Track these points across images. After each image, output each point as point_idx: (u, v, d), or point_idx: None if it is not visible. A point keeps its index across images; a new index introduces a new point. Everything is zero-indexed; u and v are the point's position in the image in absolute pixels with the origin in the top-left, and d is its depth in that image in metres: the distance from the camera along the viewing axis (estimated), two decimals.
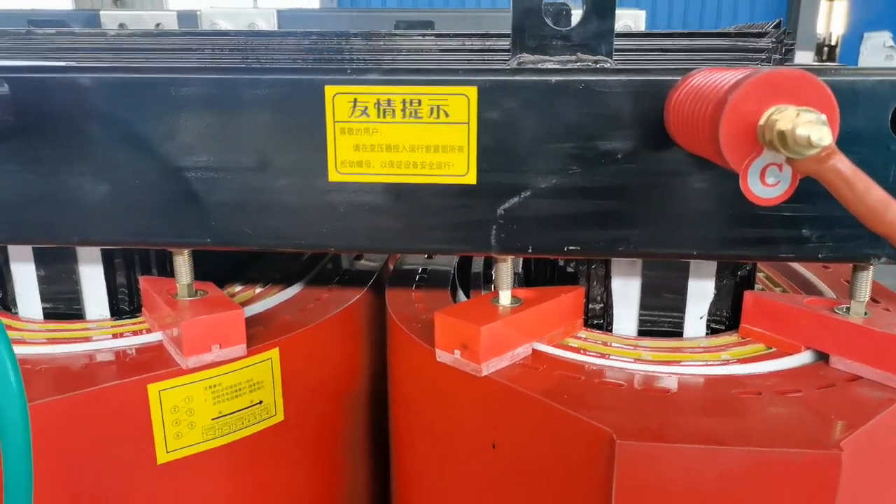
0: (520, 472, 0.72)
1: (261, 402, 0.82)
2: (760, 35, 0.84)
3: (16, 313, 0.89)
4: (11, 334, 0.69)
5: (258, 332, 0.83)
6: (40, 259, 0.87)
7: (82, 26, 1.41)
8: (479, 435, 0.74)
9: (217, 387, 0.77)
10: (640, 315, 0.83)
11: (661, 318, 0.83)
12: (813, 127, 0.43)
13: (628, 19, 1.49)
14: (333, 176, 0.70)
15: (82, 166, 0.72)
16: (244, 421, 0.81)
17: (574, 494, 0.67)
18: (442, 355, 0.75)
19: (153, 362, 0.76)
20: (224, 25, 1.38)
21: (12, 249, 0.86)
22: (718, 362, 0.75)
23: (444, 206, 0.70)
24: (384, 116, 0.68)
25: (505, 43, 0.85)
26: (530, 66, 0.71)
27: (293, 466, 0.89)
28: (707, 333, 0.83)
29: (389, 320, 0.89)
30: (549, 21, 0.71)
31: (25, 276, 0.87)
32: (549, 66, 0.70)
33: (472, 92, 0.67)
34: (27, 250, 0.86)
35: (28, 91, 0.71)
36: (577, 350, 0.78)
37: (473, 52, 0.89)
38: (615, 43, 0.79)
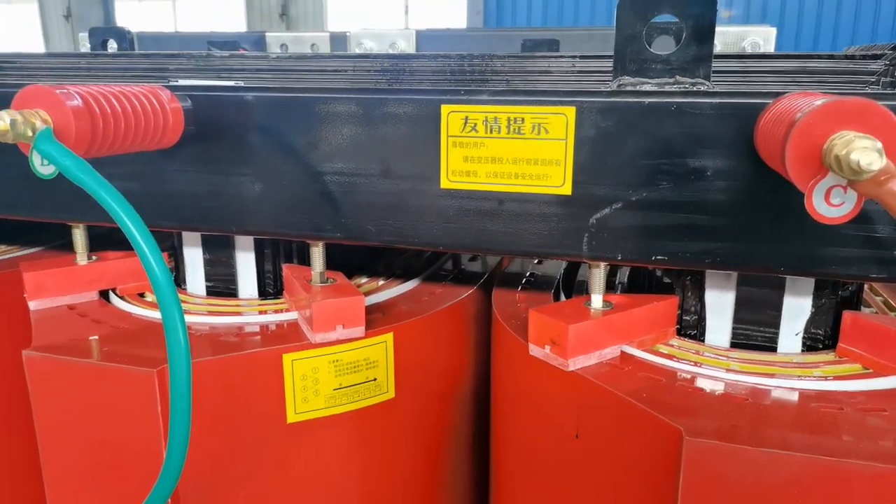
0: (599, 461, 0.78)
1: (375, 380, 0.93)
2: (876, 57, 0.83)
3: (184, 289, 1.08)
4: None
5: (377, 318, 0.95)
6: (206, 245, 1.04)
7: (251, 46, 1.62)
8: (563, 425, 0.81)
9: (339, 362, 0.90)
10: (734, 328, 0.86)
11: (755, 332, 0.85)
12: (864, 153, 0.46)
13: (758, 36, 1.47)
14: (445, 183, 0.80)
15: (244, 169, 0.87)
16: (360, 394, 0.92)
17: (646, 487, 0.72)
18: (534, 349, 0.82)
19: (289, 336, 0.90)
20: (369, 45, 1.54)
21: (186, 235, 1.04)
22: (811, 378, 0.76)
23: (541, 214, 0.78)
24: (491, 132, 0.77)
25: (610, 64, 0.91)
26: (629, 88, 0.77)
27: (400, 441, 1.00)
28: (803, 350, 0.84)
29: (493, 316, 0.97)
30: (649, 47, 0.77)
31: (194, 259, 1.05)
32: (646, 89, 0.76)
33: (571, 112, 0.74)
34: (197, 237, 1.03)
35: (205, 106, 0.87)
36: (666, 356, 0.82)
37: (582, 73, 0.95)
38: (730, 64, 0.82)
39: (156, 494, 0.76)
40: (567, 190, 0.76)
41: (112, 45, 1.55)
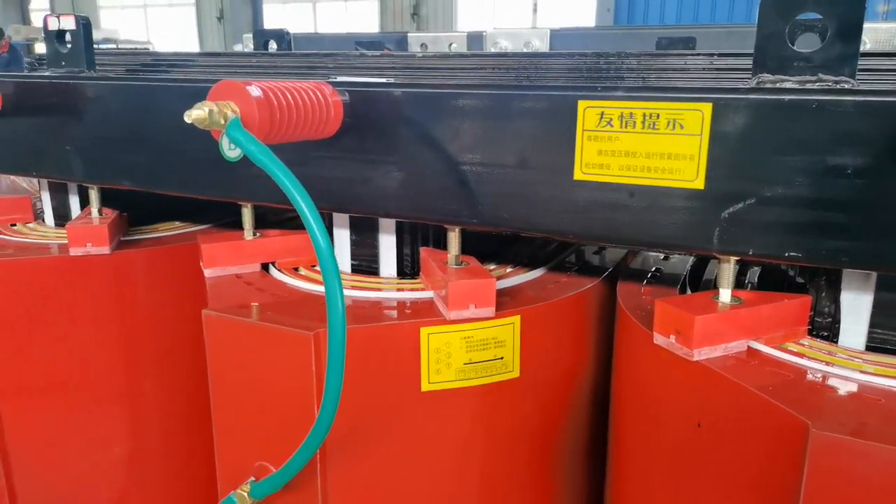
0: (720, 452, 0.79)
1: (501, 358, 0.99)
2: None
3: None
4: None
5: (506, 301, 1.01)
6: (353, 227, 1.15)
7: (394, 46, 1.73)
8: (685, 414, 0.83)
9: (470, 338, 0.97)
10: (870, 331, 0.84)
11: (893, 337, 0.83)
12: None
13: None
14: (578, 175, 0.85)
15: (392, 158, 0.96)
16: (487, 371, 0.99)
17: (767, 479, 0.73)
18: (658, 338, 0.85)
19: (426, 312, 0.98)
20: (504, 44, 1.60)
21: (336, 217, 1.15)
22: None
23: (672, 207, 0.80)
24: (626, 127, 0.81)
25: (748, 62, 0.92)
26: (768, 85, 0.78)
27: (521, 419, 1.05)
28: None
29: (618, 306, 1.01)
30: (791, 44, 0.77)
31: (342, 239, 1.16)
32: (786, 86, 0.76)
33: (707, 108, 0.76)
34: (345, 219, 1.14)
35: (361, 100, 0.96)
36: (795, 354, 0.82)
37: (720, 71, 0.96)
38: (880, 62, 0.81)
39: (308, 444, 0.87)
40: (700, 184, 0.78)
41: (272, 46, 1.71)
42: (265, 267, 1.18)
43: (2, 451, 1.31)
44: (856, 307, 0.84)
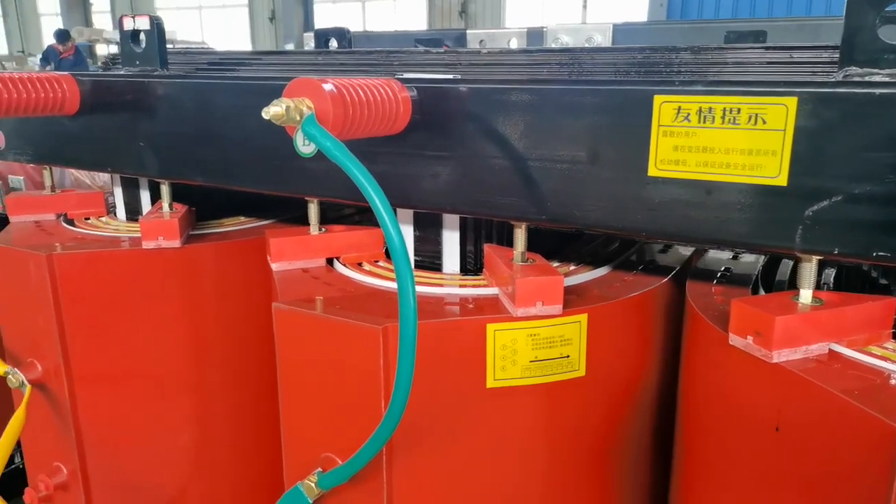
0: (799, 456, 0.77)
1: (568, 357, 0.98)
2: None
3: None
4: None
5: (572, 299, 1.00)
6: (417, 222, 1.15)
7: (453, 42, 1.74)
8: (762, 417, 0.81)
9: (536, 336, 0.96)
10: None
11: None
12: None
13: None
14: (652, 171, 0.83)
15: (460, 153, 0.96)
16: (553, 369, 0.98)
17: (850, 485, 0.71)
18: (735, 339, 0.83)
19: (491, 309, 0.98)
20: (565, 39, 1.58)
21: (399, 213, 1.16)
22: None
23: (753, 204, 0.78)
24: (704, 122, 0.79)
25: (834, 55, 0.88)
26: (857, 78, 0.75)
27: (586, 418, 1.04)
28: None
29: (687, 305, 0.99)
30: (881, 37, 0.74)
31: (406, 235, 1.17)
32: (877, 80, 0.73)
33: (792, 102, 0.74)
34: (409, 214, 1.15)
35: (429, 96, 0.97)
36: (879, 357, 0.79)
37: (801, 65, 0.93)
38: None
39: (377, 437, 0.88)
40: (783, 181, 0.76)
41: (332, 44, 1.73)
42: (329, 262, 1.20)
43: (77, 436, 1.36)
44: None
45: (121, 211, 1.53)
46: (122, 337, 1.34)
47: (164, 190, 1.36)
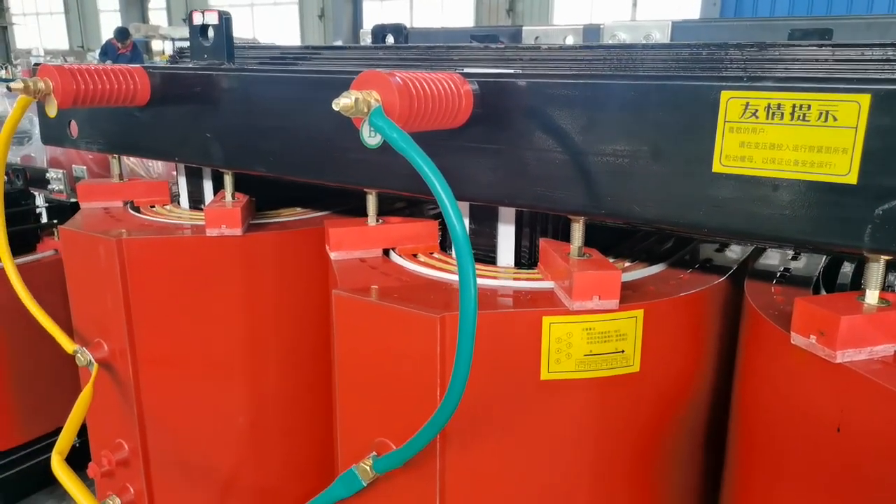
0: (861, 457, 0.76)
1: (623, 352, 0.99)
2: None
3: (450, 253, 1.21)
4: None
5: (628, 295, 1.00)
6: (473, 215, 1.17)
7: (509, 39, 1.74)
8: (823, 418, 0.80)
9: (592, 330, 0.97)
10: None
11: None
12: None
13: None
14: (717, 167, 0.83)
15: (521, 147, 0.96)
16: (607, 363, 0.98)
17: None
18: (797, 339, 0.82)
19: (546, 301, 0.99)
20: (623, 36, 1.58)
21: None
22: None
23: (821, 202, 0.77)
24: (772, 119, 0.78)
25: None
26: None
27: (638, 415, 1.04)
28: None
29: (746, 304, 0.98)
30: None
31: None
32: None
33: (865, 99, 0.73)
34: (465, 207, 1.16)
35: (489, 90, 0.98)
36: None
37: (872, 63, 0.91)
38: None
39: (433, 423, 0.90)
40: (853, 179, 0.75)
41: (389, 39, 1.76)
42: (385, 252, 1.22)
43: (139, 415, 1.42)
44: None
45: (184, 200, 1.58)
46: (184, 321, 1.39)
47: (227, 180, 1.40)
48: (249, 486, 1.49)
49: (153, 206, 1.59)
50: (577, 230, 1.01)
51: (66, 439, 1.19)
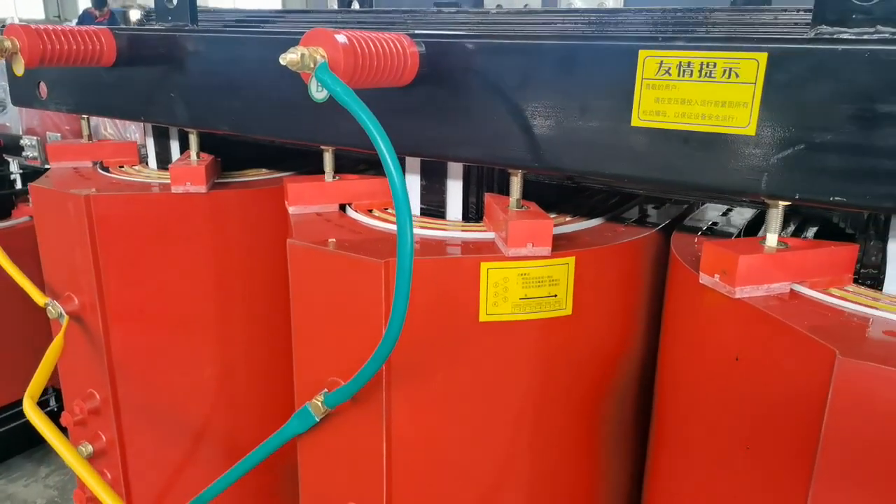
0: (755, 384, 0.84)
1: (555, 296, 1.06)
2: None
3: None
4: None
5: (563, 244, 1.08)
6: (423, 172, 1.23)
7: (470, 4, 1.80)
8: (725, 348, 0.88)
9: (526, 275, 1.04)
10: None
11: None
12: None
13: None
14: (636, 122, 0.90)
15: (462, 105, 1.03)
16: (541, 307, 1.06)
17: (797, 407, 0.78)
18: (704, 278, 0.91)
19: (487, 249, 1.07)
20: (578, 2, 1.63)
21: (408, 163, 1.24)
22: None
23: (724, 153, 0.85)
24: (683, 76, 0.85)
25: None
26: (826, 36, 0.81)
27: (573, 355, 1.13)
28: None
29: (671, 252, 1.06)
30: None
31: (413, 184, 1.25)
32: (843, 37, 0.79)
33: (763, 57, 0.80)
34: (417, 164, 1.23)
35: (436, 51, 1.04)
36: (837, 297, 0.86)
37: (781, 26, 0.99)
38: None
39: (376, 357, 0.97)
40: (752, 131, 0.82)
41: (354, 4, 1.80)
42: (342, 208, 1.29)
43: (109, 365, 1.49)
44: None
45: (152, 160, 1.63)
46: (151, 275, 1.45)
47: (192, 139, 1.45)
48: (218, 433, 1.56)
49: (122, 167, 1.64)
50: (516, 183, 1.08)
51: (36, 384, 1.26)
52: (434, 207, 1.24)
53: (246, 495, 1.59)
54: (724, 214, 1.27)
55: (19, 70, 1.27)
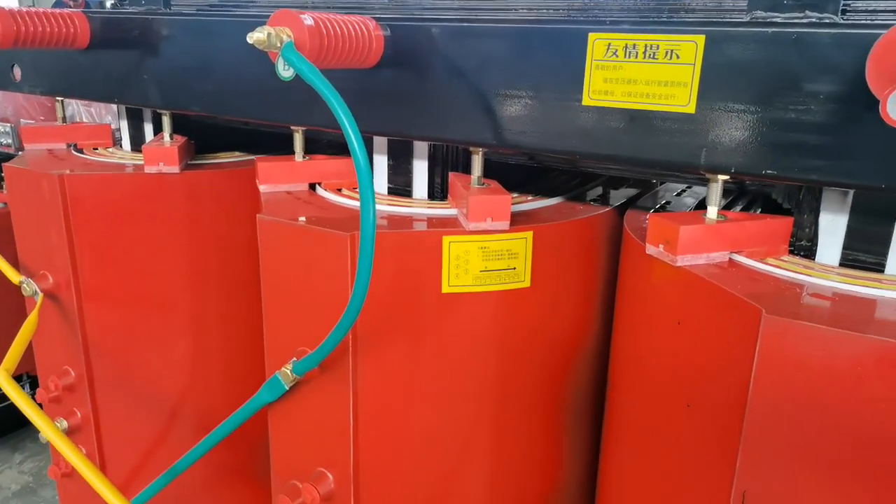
0: (695, 345, 0.91)
1: (514, 269, 1.12)
2: None
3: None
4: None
5: (522, 220, 1.13)
6: (390, 152, 1.28)
7: None
8: (669, 312, 0.94)
9: (486, 248, 1.10)
10: (844, 250, 0.93)
11: (864, 255, 0.92)
12: None
13: None
14: (586, 101, 0.95)
15: (426, 86, 1.08)
16: (501, 279, 1.12)
17: (730, 365, 0.84)
18: (650, 248, 0.96)
19: (450, 224, 1.12)
20: None
21: (376, 144, 1.28)
22: None
23: (667, 129, 0.90)
24: (629, 57, 0.91)
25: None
26: (759, 19, 0.87)
27: (531, 326, 1.18)
28: None
29: (623, 227, 1.11)
30: None
31: (380, 164, 1.29)
32: (775, 20, 0.85)
33: (701, 40, 0.86)
34: (384, 144, 1.27)
35: (401, 35, 1.08)
36: (772, 265, 0.92)
37: (730, 11, 1.04)
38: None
39: (340, 326, 1.02)
40: (692, 109, 0.88)
41: None
42: (312, 187, 1.33)
43: (84, 342, 1.51)
44: (833, 228, 0.93)
45: (126, 142, 1.66)
46: (125, 253, 1.48)
47: (165, 121, 1.48)
48: (191, 409, 1.60)
49: (96, 149, 1.66)
50: (477, 161, 1.13)
51: (11, 359, 1.29)
52: (401, 187, 1.29)
53: (219, 470, 1.63)
54: (679, 195, 1.34)
55: None
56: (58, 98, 1.67)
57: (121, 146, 1.68)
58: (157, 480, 1.33)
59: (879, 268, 0.91)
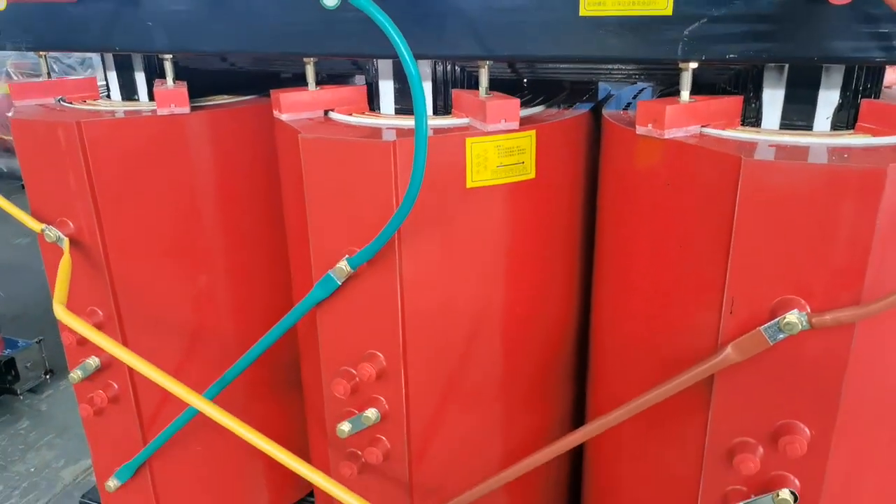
0: (681, 201, 1.17)
1: (523, 163, 1.34)
2: None
3: (377, 110, 1.50)
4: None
5: (526, 122, 1.35)
6: (396, 76, 1.45)
7: None
8: (658, 178, 1.20)
9: (500, 146, 1.31)
10: (782, 118, 1.22)
11: (797, 118, 1.21)
12: None
13: None
14: (583, 12, 1.17)
15: (437, 8, 1.26)
16: (513, 172, 1.34)
17: (715, 205, 1.11)
18: (640, 129, 1.21)
19: (468, 129, 1.32)
20: None
21: (381, 66, 1.45)
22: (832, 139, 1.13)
23: (650, 29, 1.14)
24: None
25: None
26: None
27: (538, 212, 1.42)
28: (831, 130, 1.20)
29: (603, 119, 1.36)
30: None
31: (387, 88, 1.47)
32: None
33: None
34: (389, 69, 1.45)
35: None
36: (733, 132, 1.20)
37: None
38: None
39: (393, 221, 1.21)
40: (669, 11, 1.12)
41: None
42: (325, 114, 1.49)
43: (111, 287, 1.61)
44: (772, 100, 1.21)
45: (116, 93, 1.72)
46: (143, 194, 1.58)
47: (168, 66, 1.57)
48: (210, 337, 1.74)
49: (85, 101, 1.72)
50: (484, 74, 1.33)
51: (61, 292, 1.38)
52: (408, 108, 1.47)
53: (249, 388, 1.79)
54: (636, 97, 1.60)
55: None
56: (40, 54, 1.70)
57: (109, 97, 1.74)
58: (222, 377, 1.50)
59: (809, 126, 1.20)
